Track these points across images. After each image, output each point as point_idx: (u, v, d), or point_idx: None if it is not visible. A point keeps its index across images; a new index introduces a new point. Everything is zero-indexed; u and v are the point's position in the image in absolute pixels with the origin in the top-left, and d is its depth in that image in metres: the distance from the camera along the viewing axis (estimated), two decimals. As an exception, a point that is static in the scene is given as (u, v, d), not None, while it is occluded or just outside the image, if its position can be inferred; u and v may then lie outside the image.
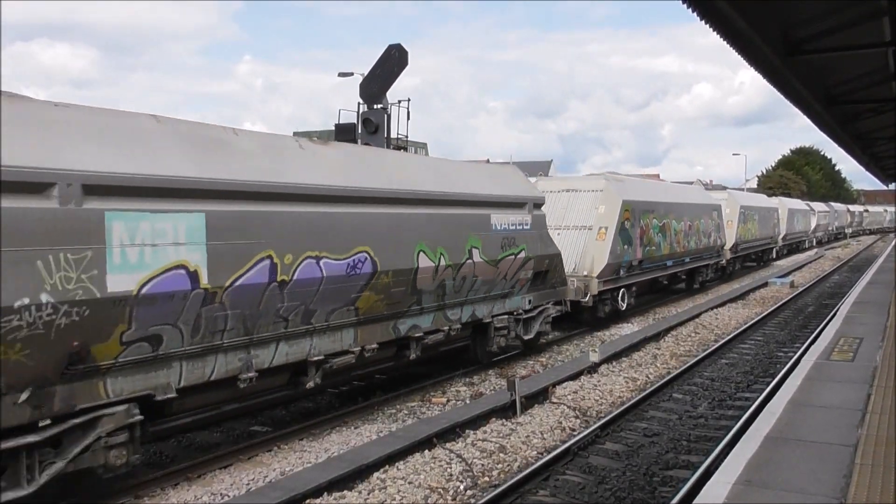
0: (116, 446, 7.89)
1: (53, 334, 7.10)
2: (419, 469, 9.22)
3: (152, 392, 8.22)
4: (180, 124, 9.14)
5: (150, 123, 8.71)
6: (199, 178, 8.53)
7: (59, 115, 7.79)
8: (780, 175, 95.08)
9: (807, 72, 12.66)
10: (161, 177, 8.11)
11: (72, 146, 7.52)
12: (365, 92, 18.09)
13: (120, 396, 7.92)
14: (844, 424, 8.63)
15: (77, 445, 7.59)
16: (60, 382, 7.36)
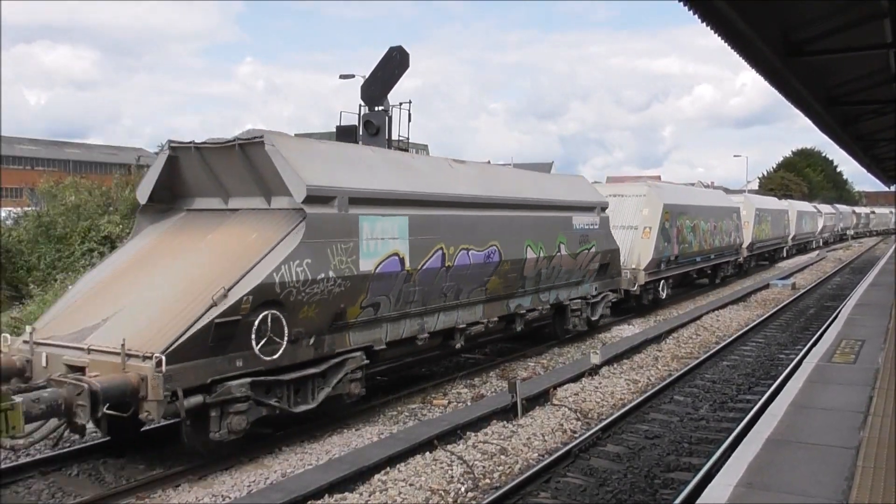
0: (355, 381, 11.25)
1: (331, 299, 10.48)
2: (420, 471, 9.22)
3: (372, 344, 11.62)
4: (385, 153, 13.71)
5: (369, 153, 12.70)
6: (405, 192, 12.09)
7: (324, 148, 11.59)
8: (781, 177, 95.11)
9: (807, 73, 12.66)
10: (386, 191, 11.68)
11: (339, 171, 11.02)
12: (366, 94, 18.10)
13: (356, 346, 11.32)
14: (846, 427, 8.62)
15: (335, 378, 10.91)
16: (328, 333, 10.74)
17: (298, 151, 10.71)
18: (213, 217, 11.13)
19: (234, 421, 9.26)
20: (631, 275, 21.78)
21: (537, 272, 15.77)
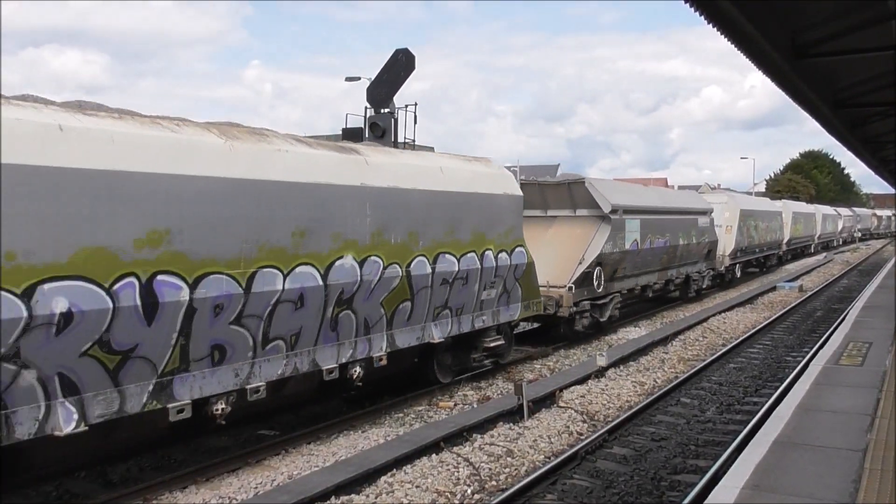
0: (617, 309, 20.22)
1: (614, 262, 19.05)
2: (426, 473, 9.22)
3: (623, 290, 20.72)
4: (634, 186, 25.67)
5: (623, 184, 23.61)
6: (639, 206, 20.76)
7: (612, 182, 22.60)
8: (788, 179, 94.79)
9: (815, 75, 12.63)
10: (634, 206, 20.25)
11: (617, 195, 19.54)
12: (372, 96, 18.13)
13: (616, 290, 20.02)
14: (853, 429, 8.60)
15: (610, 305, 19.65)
16: (608, 281, 19.08)
17: (601, 185, 19.61)
18: (541, 220, 19.21)
19: (584, 322, 18.20)
20: (720, 259, 30.07)
21: (681, 254, 24.48)
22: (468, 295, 13.15)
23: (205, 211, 8.59)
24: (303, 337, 9.94)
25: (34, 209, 7.07)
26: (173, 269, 8.22)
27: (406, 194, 11.67)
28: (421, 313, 12.08)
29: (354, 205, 10.69)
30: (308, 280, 9.87)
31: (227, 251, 8.80)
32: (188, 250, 8.38)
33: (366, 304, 10.93)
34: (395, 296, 11.45)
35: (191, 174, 8.48)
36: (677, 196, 28.06)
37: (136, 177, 7.90)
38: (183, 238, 8.33)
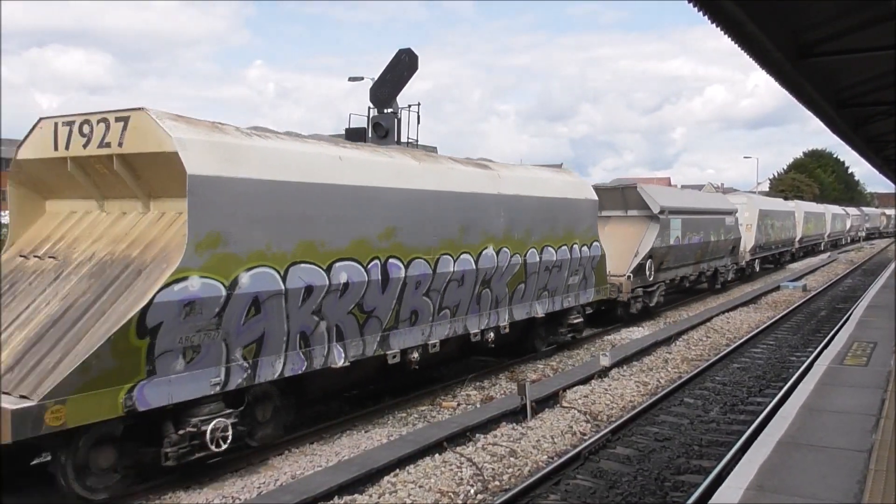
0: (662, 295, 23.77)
1: (661, 256, 22.44)
2: (429, 473, 9.22)
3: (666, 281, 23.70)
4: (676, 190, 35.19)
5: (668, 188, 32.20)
6: (680, 207, 23.71)
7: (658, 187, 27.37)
8: (792, 178, 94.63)
9: (818, 75, 12.61)
10: (675, 207, 23.04)
11: (663, 197, 22.86)
12: (375, 96, 18.15)
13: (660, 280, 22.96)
14: (858, 430, 8.58)
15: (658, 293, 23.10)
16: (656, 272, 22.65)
17: (650, 189, 22.99)
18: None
19: (637, 306, 21.33)
20: (742, 254, 32.93)
21: (711, 249, 27.61)
22: (560, 280, 16.34)
23: (412, 213, 11.88)
24: (460, 308, 13.20)
25: (329, 212, 10.31)
26: (397, 254, 11.53)
27: (525, 200, 14.92)
28: (530, 293, 15.26)
29: (493, 208, 13.95)
30: (467, 265, 13.16)
31: (423, 242, 12.09)
32: (404, 242, 11.66)
33: (498, 285, 14.14)
34: (515, 279, 14.62)
35: (403, 187, 11.73)
36: (709, 198, 32.42)
37: (378, 190, 11.20)
38: (401, 233, 11.59)
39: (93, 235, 9.39)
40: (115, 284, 8.45)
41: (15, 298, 8.92)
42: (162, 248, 8.68)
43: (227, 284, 8.88)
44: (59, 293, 8.68)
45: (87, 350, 7.62)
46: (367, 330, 11.06)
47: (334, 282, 10.33)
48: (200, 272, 8.57)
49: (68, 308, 8.36)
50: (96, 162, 9.20)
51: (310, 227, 10.00)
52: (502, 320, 14.31)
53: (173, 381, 8.40)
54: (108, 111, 9.08)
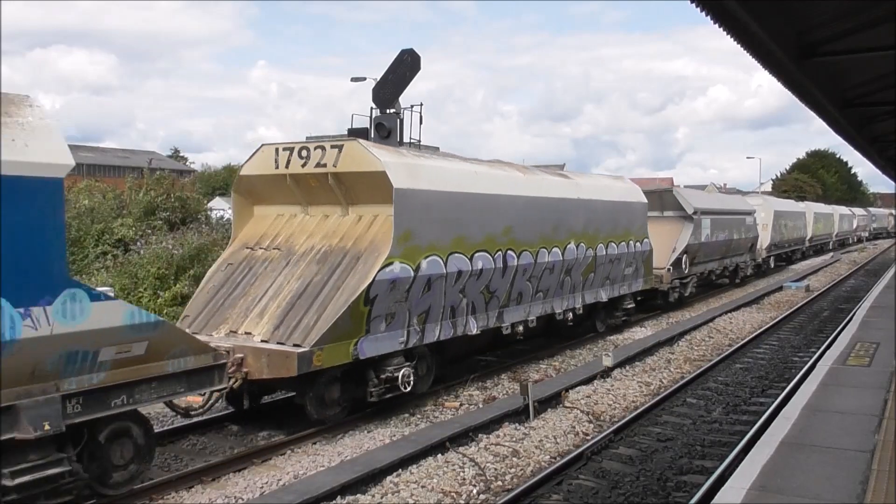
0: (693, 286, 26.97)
1: (694, 251, 25.33)
2: (432, 473, 9.22)
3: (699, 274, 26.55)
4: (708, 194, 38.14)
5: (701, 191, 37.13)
6: (708, 208, 26.60)
7: (691, 190, 32.30)
8: (795, 178, 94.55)
9: (821, 75, 12.59)
10: (706, 208, 26.28)
11: (695, 199, 26.13)
12: (377, 97, 18.12)
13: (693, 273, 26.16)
14: (861, 430, 8.57)
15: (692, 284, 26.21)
16: (691, 265, 25.58)
17: (685, 192, 26.31)
18: None
19: (675, 295, 23.89)
20: (759, 251, 35.69)
21: (734, 247, 30.56)
22: (619, 270, 19.28)
23: (521, 215, 14.70)
24: (550, 291, 16.03)
25: (471, 214, 13.20)
26: (512, 247, 14.40)
27: (596, 203, 17.86)
28: (597, 281, 18.20)
29: (574, 211, 16.86)
30: (556, 256, 15.99)
31: (528, 238, 14.95)
32: (516, 237, 14.52)
33: (576, 273, 17.04)
34: (587, 269, 17.56)
35: (515, 194, 14.63)
36: (731, 200, 35.42)
37: (500, 197, 14.13)
38: (515, 230, 14.47)
39: (305, 232, 12.43)
40: (341, 268, 11.44)
41: (257, 279, 11.90)
42: (371, 241, 11.65)
43: (414, 268, 11.84)
44: (294, 274, 11.69)
45: (334, 314, 10.60)
46: (490, 306, 14.03)
47: (474, 268, 13.28)
48: (400, 259, 11.54)
49: (307, 285, 11.34)
50: (311, 178, 12.21)
51: (460, 226, 12.97)
52: (577, 303, 17.29)
53: (379, 339, 11.36)
54: (324, 141, 12.46)
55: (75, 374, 7.45)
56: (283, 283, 11.55)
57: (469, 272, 13.13)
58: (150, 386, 8.23)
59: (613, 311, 19.89)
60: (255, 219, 13.27)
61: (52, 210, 7.18)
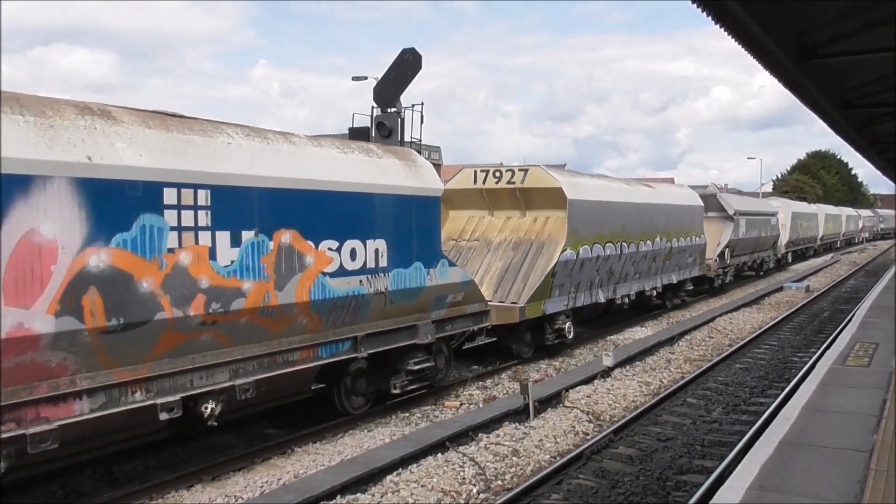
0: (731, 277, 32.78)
1: (733, 245, 30.77)
2: (432, 472, 9.24)
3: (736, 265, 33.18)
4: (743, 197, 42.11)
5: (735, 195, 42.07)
6: (741, 210, 31.48)
7: (730, 195, 37.58)
8: (795, 179, 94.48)
9: (822, 76, 12.59)
10: (742, 210, 31.79)
11: (733, 201, 32.07)
12: (378, 96, 18.10)
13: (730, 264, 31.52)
14: (860, 430, 8.59)
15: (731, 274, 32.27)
16: (729, 258, 31.14)
17: (727, 196, 32.87)
18: None
19: (719, 282, 29.40)
20: (779, 248, 40.30)
21: (761, 244, 35.23)
22: (684, 259, 24.42)
23: (630, 216, 19.78)
24: (642, 274, 21.15)
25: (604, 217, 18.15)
26: (624, 240, 19.41)
27: (671, 206, 23.16)
28: (670, 267, 23.26)
29: (658, 212, 21.95)
30: (648, 247, 21.05)
31: (633, 233, 19.96)
32: (627, 233, 19.55)
33: (658, 260, 22.08)
34: (665, 257, 22.57)
35: (626, 201, 19.85)
36: (760, 203, 40.85)
37: (619, 203, 19.25)
38: (626, 228, 19.51)
39: (495, 229, 17.54)
40: (531, 252, 16.59)
41: (468, 261, 16.68)
42: (548, 235, 16.83)
43: (576, 253, 16.99)
44: (496, 257, 16.77)
45: (535, 283, 15.77)
46: (610, 283, 19.06)
47: (605, 254, 18.29)
48: (569, 247, 16.70)
49: (509, 264, 16.47)
50: (502, 192, 17.53)
51: (598, 224, 17.99)
52: (658, 283, 22.39)
53: (555, 301, 16.51)
54: (512, 166, 17.99)
55: (437, 308, 12.63)
56: (490, 263, 16.57)
57: (602, 257, 18.20)
58: (460, 320, 13.34)
59: (678, 292, 25.12)
60: (451, 219, 17.94)
61: (436, 215, 12.61)
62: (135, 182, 7.91)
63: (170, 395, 8.33)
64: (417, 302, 12.00)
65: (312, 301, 9.95)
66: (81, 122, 7.68)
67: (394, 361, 12.06)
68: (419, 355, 12.40)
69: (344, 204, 10.48)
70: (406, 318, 11.86)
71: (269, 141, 9.77)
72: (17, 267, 6.91)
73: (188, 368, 8.53)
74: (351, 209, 10.64)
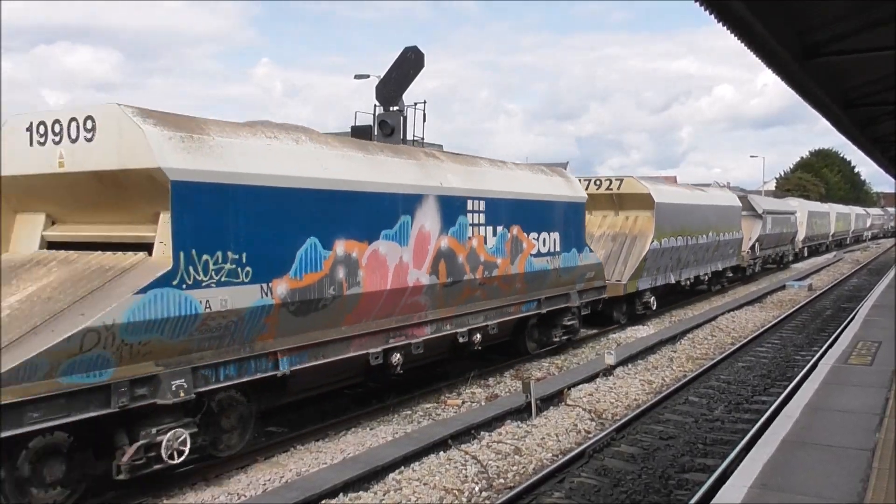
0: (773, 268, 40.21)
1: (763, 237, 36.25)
2: (434, 470, 9.25)
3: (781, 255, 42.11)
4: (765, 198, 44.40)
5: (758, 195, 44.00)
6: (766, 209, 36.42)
7: (759, 196, 42.13)
8: (798, 177, 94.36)
9: (825, 75, 12.61)
10: (769, 209, 37.43)
11: (764, 204, 37.16)
12: (381, 94, 18.12)
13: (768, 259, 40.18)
14: (862, 428, 8.59)
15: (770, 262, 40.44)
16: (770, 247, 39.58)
17: (756, 197, 37.78)
18: None
19: (748, 271, 34.43)
20: (796, 244, 45.26)
21: (783, 239, 39.70)
22: (726, 251, 29.35)
23: (693, 214, 24.65)
24: (699, 261, 25.87)
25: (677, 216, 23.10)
26: (689, 234, 24.23)
27: (718, 207, 27.97)
28: (717, 257, 28.08)
29: (710, 211, 26.74)
30: (703, 240, 25.62)
31: (694, 229, 24.69)
32: (691, 228, 24.35)
33: (709, 251, 26.85)
34: (713, 248, 27.26)
35: (691, 203, 24.96)
36: (782, 203, 44.89)
37: (686, 205, 24.51)
38: (691, 224, 24.31)
39: (594, 224, 22.00)
40: (627, 243, 21.35)
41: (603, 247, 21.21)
42: (640, 230, 21.58)
43: (660, 244, 21.72)
44: (599, 246, 20.93)
45: (633, 266, 20.60)
46: (678, 268, 23.91)
47: (677, 245, 23.06)
48: (657, 239, 21.40)
49: (610, 252, 21.14)
50: (600, 196, 21.93)
51: (674, 221, 22.81)
52: (709, 270, 27.53)
53: (644, 280, 21.37)
54: (607, 178, 22.70)
55: (580, 282, 17.23)
56: (595, 251, 19.04)
57: (675, 247, 22.99)
58: (592, 291, 17.93)
59: (720, 278, 29.68)
60: (589, 218, 20.65)
61: (583, 215, 17.45)
62: (457, 196, 12.99)
63: (460, 328, 13.20)
64: (571, 276, 16.84)
65: (525, 273, 14.97)
66: (431, 163, 12.86)
67: (553, 318, 16.62)
68: (568, 315, 16.95)
69: (538, 208, 15.49)
70: (564, 288, 16.67)
71: (500, 167, 15.10)
72: (416, 246, 11.90)
73: (469, 312, 13.52)
74: (541, 211, 15.59)
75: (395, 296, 11.42)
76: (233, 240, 8.80)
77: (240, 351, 9.10)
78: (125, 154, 8.26)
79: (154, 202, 8.45)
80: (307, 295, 9.78)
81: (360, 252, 10.67)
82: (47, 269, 8.73)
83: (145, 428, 8.24)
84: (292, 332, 9.74)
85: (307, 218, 9.81)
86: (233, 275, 8.80)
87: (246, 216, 8.96)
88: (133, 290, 7.87)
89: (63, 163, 8.73)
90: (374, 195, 10.99)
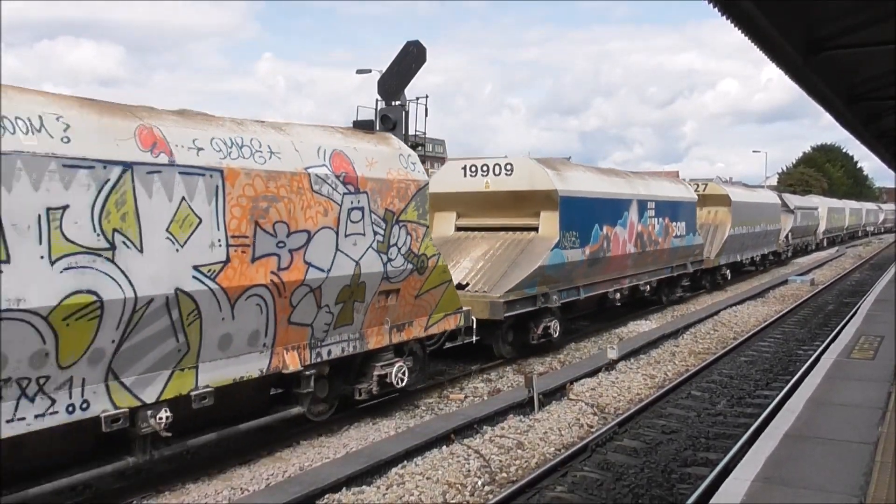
0: None
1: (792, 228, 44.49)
2: (437, 465, 9.27)
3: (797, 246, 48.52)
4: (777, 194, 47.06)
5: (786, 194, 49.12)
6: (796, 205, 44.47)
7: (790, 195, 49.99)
8: (801, 172, 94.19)
9: (829, 69, 12.56)
10: (799, 206, 45.79)
11: (794, 201, 45.08)
12: (383, 88, 18.06)
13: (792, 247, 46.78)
14: (864, 423, 8.59)
15: None
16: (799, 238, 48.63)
17: (788, 196, 46.10)
18: None
19: (782, 256, 41.41)
20: (817, 235, 52.27)
21: (807, 230, 48.08)
22: (770, 238, 35.78)
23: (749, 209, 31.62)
24: (753, 246, 33.39)
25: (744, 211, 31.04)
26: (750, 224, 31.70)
27: (763, 204, 34.35)
28: (763, 243, 35.08)
29: (759, 207, 33.31)
30: (755, 229, 32.76)
31: (752, 220, 32.07)
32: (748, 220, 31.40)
33: (759, 238, 33.77)
34: (761, 237, 34.03)
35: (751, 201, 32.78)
36: (808, 199, 52.64)
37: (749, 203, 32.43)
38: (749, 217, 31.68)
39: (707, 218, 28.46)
40: (711, 231, 28.43)
41: None
42: (720, 221, 28.88)
43: (734, 231, 28.94)
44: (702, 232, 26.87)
45: (717, 248, 28.05)
46: (740, 249, 30.26)
47: (742, 233, 30.08)
48: (732, 228, 28.83)
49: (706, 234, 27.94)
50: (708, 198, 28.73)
51: (741, 215, 29.80)
52: (758, 254, 34.38)
53: (722, 257, 28.46)
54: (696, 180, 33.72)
55: (690, 256, 24.87)
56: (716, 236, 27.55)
57: (742, 234, 30.06)
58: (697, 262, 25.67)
59: (764, 261, 36.29)
60: None
61: (695, 210, 25.09)
62: (644, 199, 20.49)
63: (640, 281, 20.83)
64: (688, 252, 24.16)
65: (671, 248, 22.40)
66: (631, 179, 20.99)
67: (676, 281, 24.24)
68: (685, 281, 24.94)
69: (675, 205, 22.74)
70: (684, 260, 24.06)
71: (657, 180, 23.44)
72: (629, 229, 19.63)
73: (646, 271, 21.32)
74: (677, 207, 22.86)
75: (621, 259, 19.16)
76: (575, 224, 16.66)
77: (568, 283, 16.88)
78: (536, 182, 16.37)
79: (537, 206, 16.37)
80: (597, 255, 17.62)
81: (610, 233, 18.29)
82: (475, 242, 16.74)
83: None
84: (587, 277, 17.67)
85: (596, 213, 17.59)
86: (574, 244, 16.60)
87: (579, 212, 16.79)
88: (548, 249, 15.71)
89: (489, 184, 16.84)
90: (613, 200, 18.66)
